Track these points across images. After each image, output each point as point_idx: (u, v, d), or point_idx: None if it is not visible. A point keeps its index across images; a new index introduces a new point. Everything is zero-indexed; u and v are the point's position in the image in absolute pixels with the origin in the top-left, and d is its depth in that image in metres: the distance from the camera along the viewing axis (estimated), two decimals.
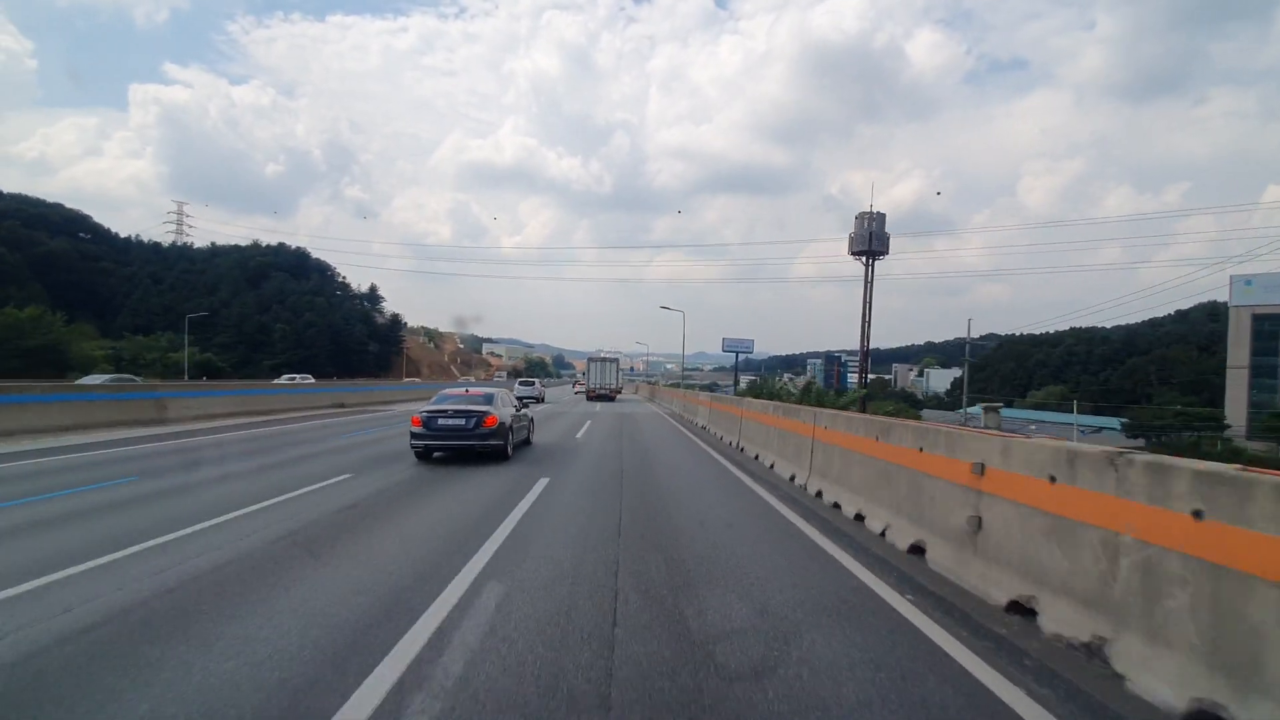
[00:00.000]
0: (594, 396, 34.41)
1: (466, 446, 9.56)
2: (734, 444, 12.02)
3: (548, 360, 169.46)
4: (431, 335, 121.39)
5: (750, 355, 61.28)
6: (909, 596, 3.74)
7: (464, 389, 11.41)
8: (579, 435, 14.37)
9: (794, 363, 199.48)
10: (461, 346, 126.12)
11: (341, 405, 24.17)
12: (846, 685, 2.62)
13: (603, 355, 39.20)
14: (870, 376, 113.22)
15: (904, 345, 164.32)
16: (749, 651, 2.95)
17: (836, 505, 6.51)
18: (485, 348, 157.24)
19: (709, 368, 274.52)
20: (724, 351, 56.30)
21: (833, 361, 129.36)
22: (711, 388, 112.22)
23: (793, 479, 8.71)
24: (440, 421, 9.49)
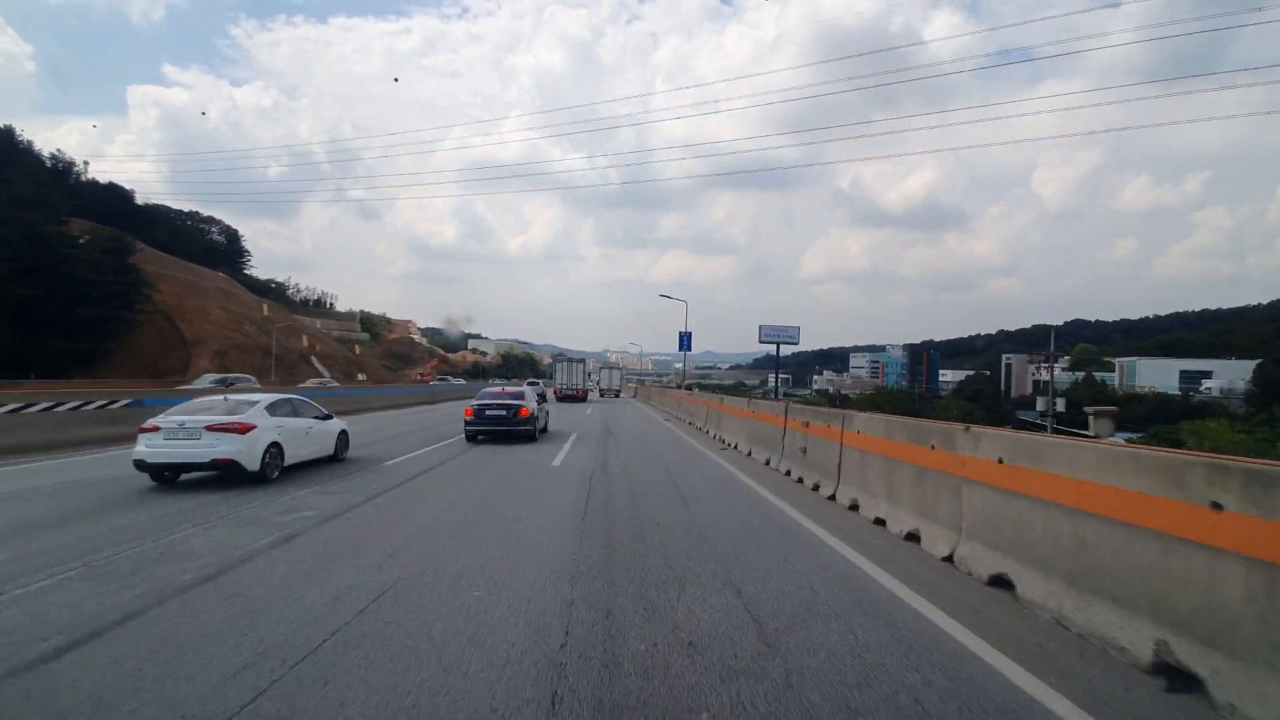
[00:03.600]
0: (562, 397, 37.47)
1: (506, 431, 13.53)
2: None
3: (543, 359, 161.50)
4: (371, 321, 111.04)
5: (796, 346, 52.35)
6: None
7: (500, 388, 16.07)
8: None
9: (832, 358, 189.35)
10: (418, 338, 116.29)
11: None
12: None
13: (568, 357, 42.54)
14: (957, 374, 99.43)
15: (959, 337, 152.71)
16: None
17: None
18: (471, 343, 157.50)
19: (725, 366, 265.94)
20: (761, 342, 47.55)
21: (917, 355, 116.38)
22: (738, 389, 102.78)
23: None
24: (487, 412, 13.53)
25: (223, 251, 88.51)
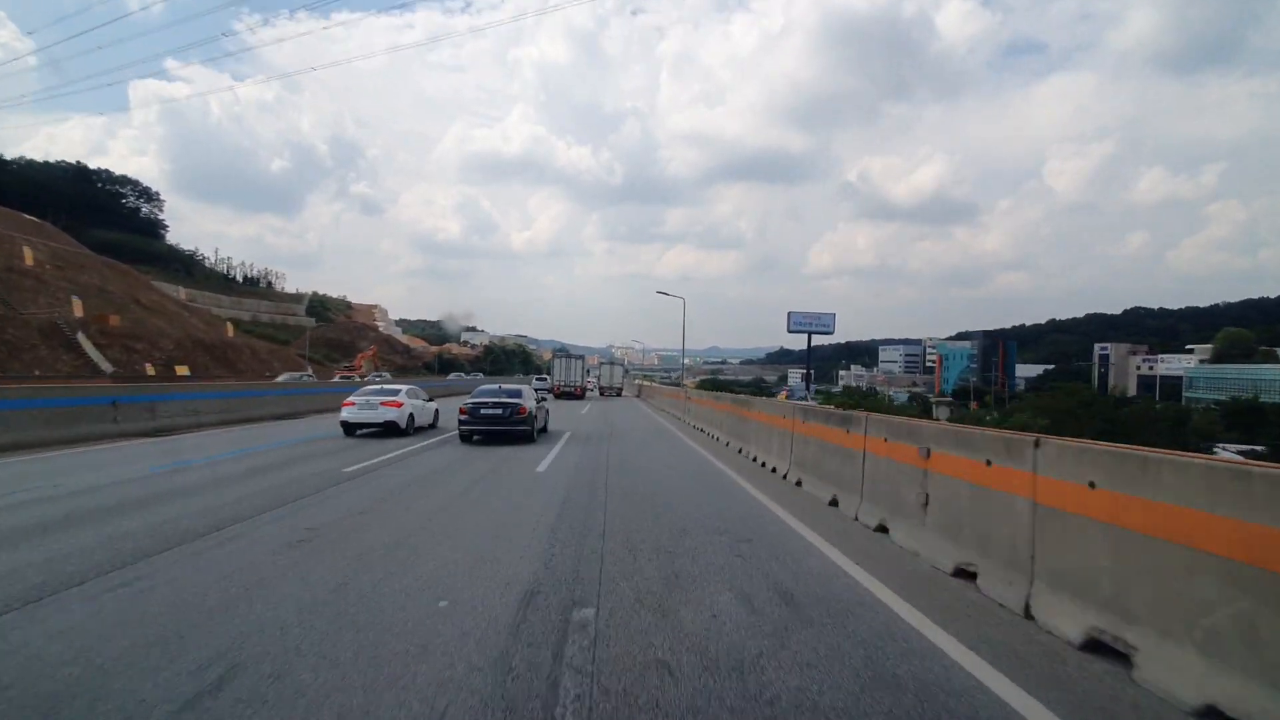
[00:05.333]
0: (560, 394, 38.08)
1: (503, 431, 13.29)
2: None
3: (544, 354, 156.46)
4: (325, 305, 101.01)
5: (830, 337, 45.77)
6: None
7: (497, 385, 15.60)
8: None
9: (858, 352, 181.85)
10: (383, 326, 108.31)
11: None
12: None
13: (568, 353, 44.80)
14: (1030, 370, 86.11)
15: (1000, 328, 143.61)
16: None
17: None
18: (465, 337, 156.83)
19: (736, 361, 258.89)
20: (790, 331, 41.25)
21: (991, 345, 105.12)
22: (758, 388, 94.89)
23: None
24: (483, 411, 13.24)
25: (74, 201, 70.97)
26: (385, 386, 16.05)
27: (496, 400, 13.30)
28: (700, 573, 4.51)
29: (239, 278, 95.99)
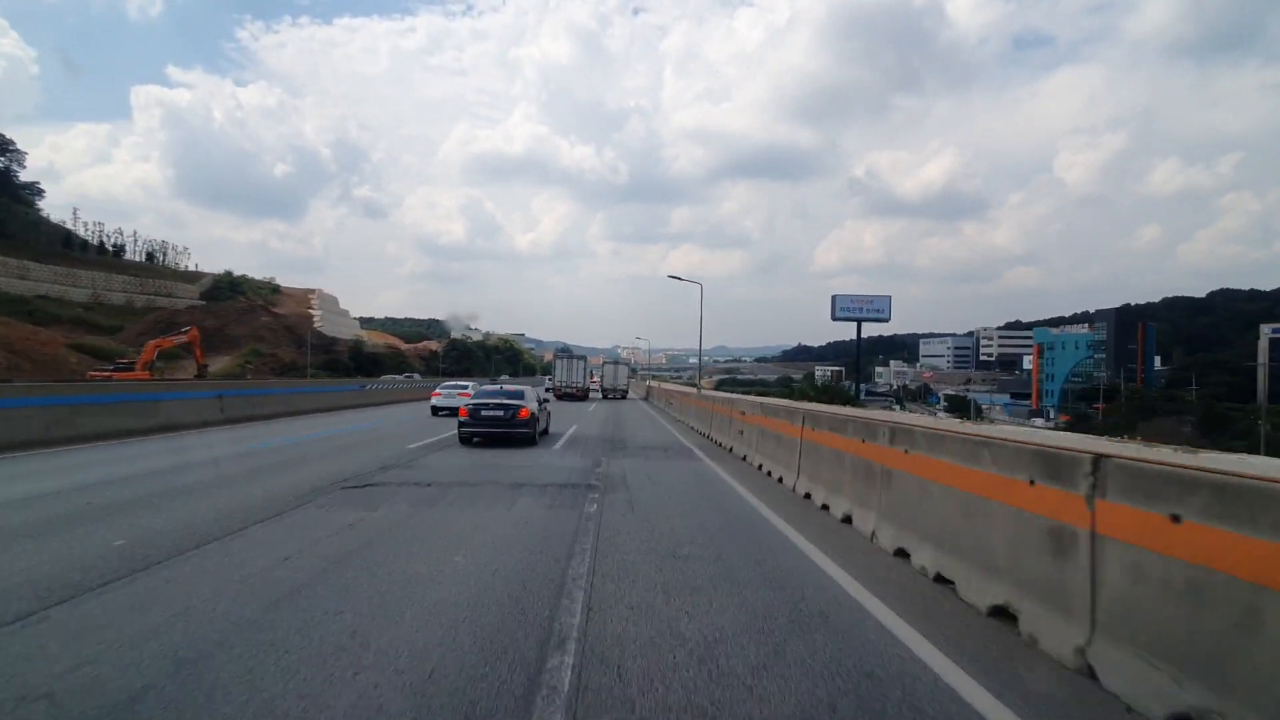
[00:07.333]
0: (561, 395, 38.30)
1: (504, 434, 13.46)
2: None
3: (541, 355, 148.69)
4: (239, 286, 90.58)
5: (885, 323, 36.03)
6: None
7: (499, 385, 16.93)
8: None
9: (896, 346, 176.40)
10: (317, 316, 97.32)
11: None
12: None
13: (570, 354, 46.38)
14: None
15: (1055, 316, 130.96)
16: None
17: None
18: (466, 334, 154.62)
19: (748, 360, 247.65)
20: (835, 319, 32.19)
21: (1127, 328, 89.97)
22: (783, 387, 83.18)
23: None
24: (483, 413, 13.42)
25: None
26: (459, 383, 24.68)
27: (497, 402, 13.61)
28: None
29: (106, 246, 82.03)
